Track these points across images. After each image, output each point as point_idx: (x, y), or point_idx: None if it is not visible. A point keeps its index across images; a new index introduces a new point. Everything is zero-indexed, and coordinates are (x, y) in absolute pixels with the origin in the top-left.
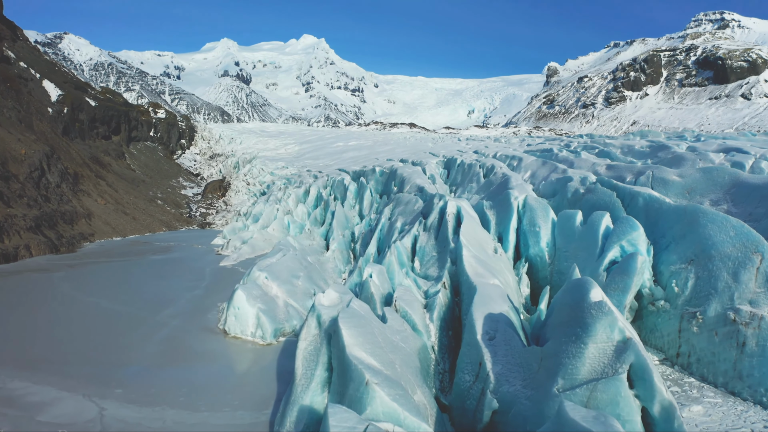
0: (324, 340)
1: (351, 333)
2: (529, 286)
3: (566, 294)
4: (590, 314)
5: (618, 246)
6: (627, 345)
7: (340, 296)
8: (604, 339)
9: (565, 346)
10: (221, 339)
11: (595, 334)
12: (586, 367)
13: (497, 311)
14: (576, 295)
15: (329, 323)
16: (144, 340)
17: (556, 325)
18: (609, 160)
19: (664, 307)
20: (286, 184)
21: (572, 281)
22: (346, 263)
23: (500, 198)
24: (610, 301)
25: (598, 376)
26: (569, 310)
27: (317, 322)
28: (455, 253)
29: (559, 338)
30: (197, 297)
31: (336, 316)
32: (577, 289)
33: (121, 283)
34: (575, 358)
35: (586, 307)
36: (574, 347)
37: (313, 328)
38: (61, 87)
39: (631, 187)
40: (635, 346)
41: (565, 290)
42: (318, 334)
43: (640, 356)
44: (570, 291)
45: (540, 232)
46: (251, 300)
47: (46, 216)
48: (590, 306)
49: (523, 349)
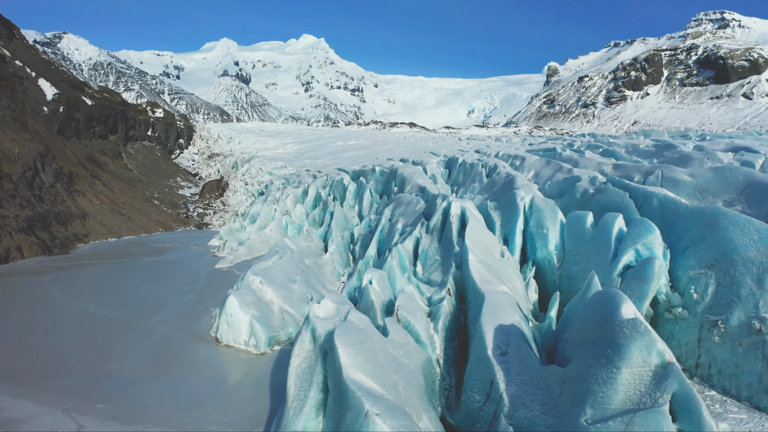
0: (319, 357)
1: (349, 352)
2: (537, 292)
3: (591, 307)
4: (622, 334)
5: (633, 250)
6: (668, 371)
7: (337, 307)
8: (640, 363)
9: (593, 370)
10: (213, 347)
11: (629, 357)
12: (619, 395)
13: (508, 322)
14: (603, 309)
15: (325, 338)
16: (131, 349)
17: (580, 343)
18: (614, 159)
19: (682, 314)
20: (284, 184)
21: (598, 294)
22: (345, 266)
23: (505, 198)
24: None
25: (634, 406)
26: (595, 326)
27: (312, 336)
28: (460, 257)
29: (585, 359)
30: (190, 302)
31: (332, 330)
32: (605, 302)
33: (111, 287)
34: (606, 385)
35: (617, 324)
36: (603, 371)
37: (307, 343)
38: (57, 86)
39: (644, 188)
40: (678, 373)
41: (589, 303)
42: (312, 350)
43: (685, 384)
44: (596, 304)
45: (548, 234)
46: (244, 306)
47: (39, 216)
48: (622, 324)
49: (540, 368)
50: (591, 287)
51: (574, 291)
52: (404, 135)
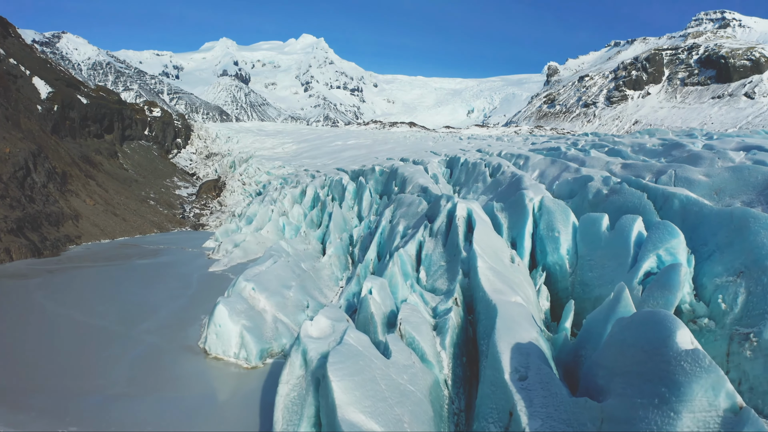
0: (311, 385)
1: (345, 386)
2: (549, 299)
3: (634, 331)
4: (681, 369)
5: (654, 255)
6: (742, 418)
7: (332, 324)
8: (704, 407)
9: (644, 412)
10: (201, 360)
11: (691, 399)
12: None
13: (525, 339)
14: (652, 335)
15: (318, 363)
16: (113, 362)
17: (621, 374)
18: (620, 158)
19: (708, 326)
20: (282, 183)
21: (644, 315)
22: (343, 269)
23: (513, 199)
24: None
25: None
26: (642, 355)
27: (303, 359)
28: (468, 263)
29: (630, 396)
30: (180, 308)
31: (326, 352)
32: (654, 327)
33: (99, 292)
34: None
35: (673, 356)
36: (657, 415)
37: (297, 367)
38: (51, 84)
39: (664, 188)
40: (755, 421)
41: (631, 325)
42: (303, 376)
43: None
44: (640, 328)
45: (559, 237)
46: (234, 316)
47: (30, 217)
48: (679, 356)
49: (569, 399)
50: (621, 301)
51: (589, 299)
52: (404, 134)
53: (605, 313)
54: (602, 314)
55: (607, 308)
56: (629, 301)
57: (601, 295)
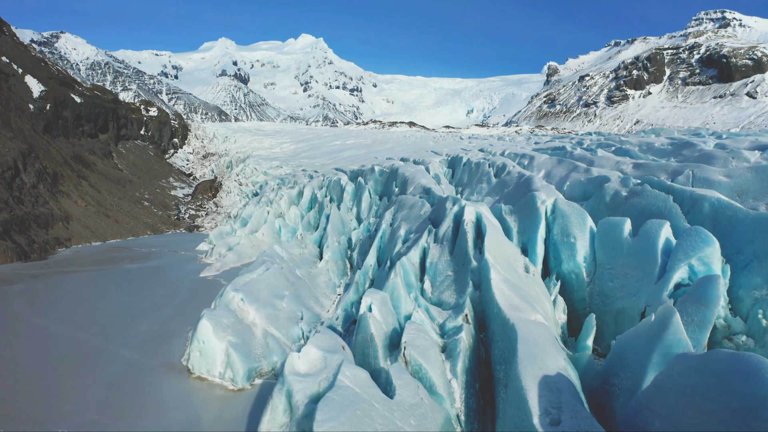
0: None
1: None
2: (566, 312)
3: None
4: None
5: (686, 265)
6: None
7: (324, 357)
8: None
9: None
10: (183, 380)
11: None
12: None
13: (553, 370)
14: (743, 388)
15: (304, 411)
16: (87, 382)
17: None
18: (629, 158)
19: (747, 343)
20: (279, 184)
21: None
22: (341, 275)
23: (523, 202)
24: None
25: None
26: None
27: (287, 403)
28: (479, 274)
29: None
30: (165, 318)
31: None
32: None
33: (82, 299)
34: None
35: None
36: None
37: (280, 413)
38: (44, 83)
39: (692, 190)
40: None
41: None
42: (287, 423)
43: None
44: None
45: (575, 243)
46: (220, 331)
47: (18, 219)
48: None
49: None
50: (669, 327)
51: (609, 311)
52: (404, 134)
53: (647, 339)
54: (642, 339)
55: (649, 333)
56: (680, 329)
57: (624, 307)
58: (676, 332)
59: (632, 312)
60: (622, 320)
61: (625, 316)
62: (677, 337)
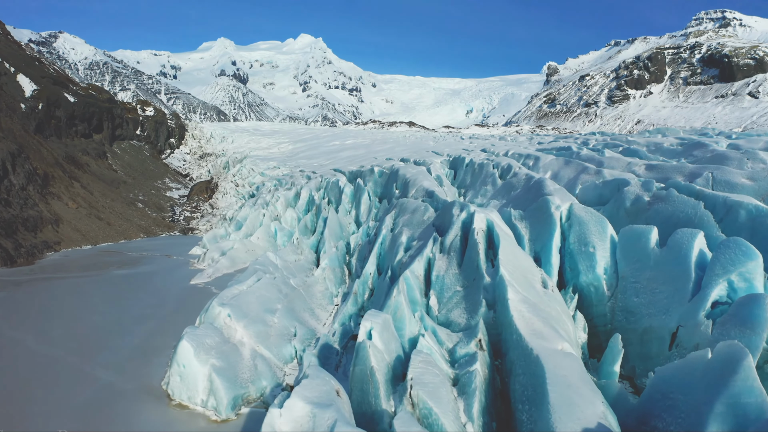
0: None
1: None
2: (587, 330)
3: None
4: None
5: (725, 281)
6: None
7: (312, 413)
8: None
9: None
10: (162, 408)
11: None
12: None
13: (592, 420)
14: None
15: None
16: (56, 408)
17: None
18: (639, 158)
19: None
20: (276, 185)
21: None
22: (339, 284)
23: (534, 207)
24: None
25: None
26: None
27: None
28: (493, 292)
29: None
30: (148, 332)
31: None
32: None
33: (63, 310)
34: None
35: None
36: None
37: None
38: (37, 82)
39: (725, 195)
40: None
41: None
42: None
43: None
44: None
45: (595, 253)
46: (202, 354)
47: (5, 222)
48: None
49: None
50: (738, 373)
51: (635, 330)
52: (403, 134)
53: (706, 381)
54: (697, 380)
55: (709, 373)
56: (753, 375)
57: (651, 326)
58: (746, 378)
59: (661, 332)
60: (649, 340)
61: (653, 336)
62: (748, 384)
